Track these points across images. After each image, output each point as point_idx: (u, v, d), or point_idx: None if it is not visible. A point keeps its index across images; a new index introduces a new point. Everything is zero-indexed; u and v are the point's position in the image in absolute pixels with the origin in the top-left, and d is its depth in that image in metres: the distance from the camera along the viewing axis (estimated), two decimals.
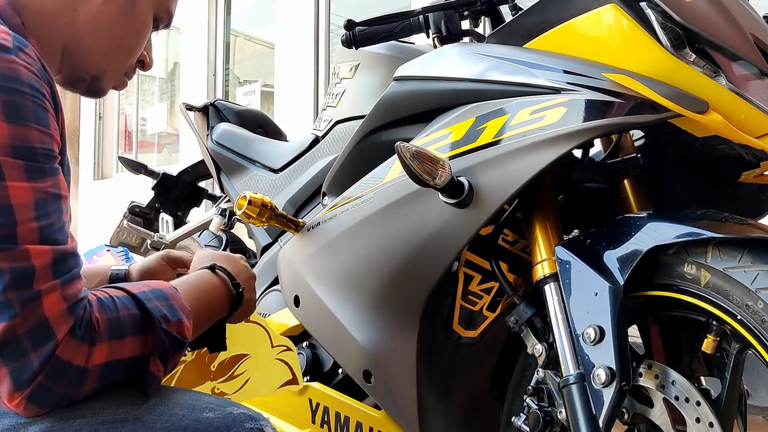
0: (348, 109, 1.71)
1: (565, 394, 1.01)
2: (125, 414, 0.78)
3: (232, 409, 0.84)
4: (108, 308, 0.78)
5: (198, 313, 0.90)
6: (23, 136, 0.74)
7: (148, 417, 0.78)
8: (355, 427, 1.37)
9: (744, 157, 1.10)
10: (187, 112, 2.27)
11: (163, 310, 0.83)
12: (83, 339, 0.74)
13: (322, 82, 5.80)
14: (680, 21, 0.98)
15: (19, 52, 0.76)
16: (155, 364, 0.81)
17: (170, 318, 0.83)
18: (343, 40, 1.40)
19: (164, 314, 0.83)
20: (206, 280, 0.98)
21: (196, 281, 0.97)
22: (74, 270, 0.77)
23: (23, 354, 0.72)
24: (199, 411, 0.81)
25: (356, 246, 1.29)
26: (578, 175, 1.21)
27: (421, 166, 1.04)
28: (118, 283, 0.86)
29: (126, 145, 9.32)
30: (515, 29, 1.16)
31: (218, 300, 0.99)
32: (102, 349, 0.76)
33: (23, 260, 0.72)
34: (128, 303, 0.81)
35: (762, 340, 0.89)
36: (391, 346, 1.27)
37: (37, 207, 0.74)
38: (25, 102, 0.75)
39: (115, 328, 0.78)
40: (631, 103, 0.98)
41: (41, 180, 0.75)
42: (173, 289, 0.88)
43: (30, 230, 0.73)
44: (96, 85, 0.98)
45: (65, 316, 0.73)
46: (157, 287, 0.86)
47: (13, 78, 0.74)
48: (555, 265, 1.06)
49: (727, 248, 0.93)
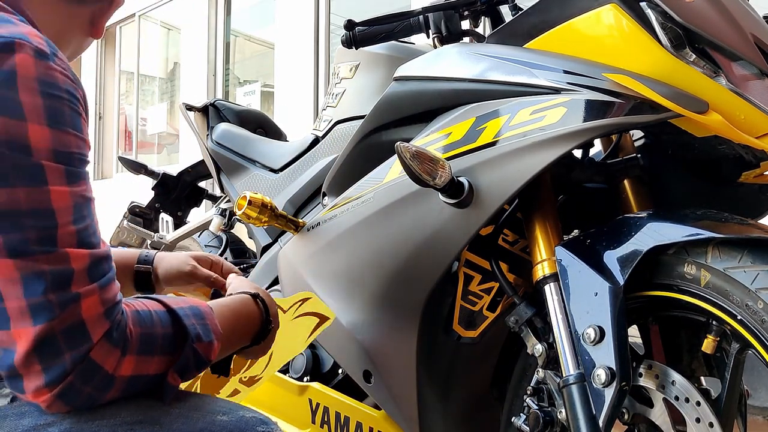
0: (348, 109, 1.71)
1: (565, 394, 1.01)
2: (143, 416, 0.78)
3: (245, 413, 0.85)
4: (144, 322, 0.79)
5: (227, 339, 0.91)
6: (63, 141, 0.75)
7: (165, 419, 0.79)
8: (355, 427, 1.37)
9: (744, 157, 1.10)
10: (187, 112, 2.27)
11: (198, 328, 0.84)
12: (117, 344, 0.75)
13: (322, 82, 5.80)
14: (680, 21, 0.98)
15: (54, 57, 0.77)
16: (173, 377, 0.82)
17: (203, 338, 0.84)
18: (343, 41, 1.40)
19: (198, 333, 0.83)
20: (244, 306, 0.98)
21: (234, 306, 0.97)
22: (109, 273, 0.78)
23: (58, 353, 0.73)
24: (213, 414, 0.82)
25: (356, 246, 1.29)
26: (578, 175, 1.21)
27: (421, 166, 1.04)
28: (158, 296, 0.86)
29: (126, 145, 9.33)
30: (515, 29, 1.16)
31: (248, 330, 0.98)
32: (130, 361, 0.77)
33: (63, 263, 0.73)
34: (165, 319, 0.81)
35: (762, 340, 0.89)
36: (391, 346, 1.27)
37: (75, 211, 0.75)
38: (63, 107, 0.76)
39: (147, 343, 0.79)
40: (631, 103, 0.98)
41: (78, 184, 0.77)
42: (209, 309, 0.88)
43: (69, 234, 0.74)
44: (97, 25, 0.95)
45: (101, 319, 0.74)
46: (195, 305, 0.87)
47: (52, 84, 0.75)
48: (555, 265, 1.06)
49: (727, 248, 0.93)
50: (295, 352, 1.25)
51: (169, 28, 8.70)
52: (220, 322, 0.89)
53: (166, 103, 8.80)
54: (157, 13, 8.77)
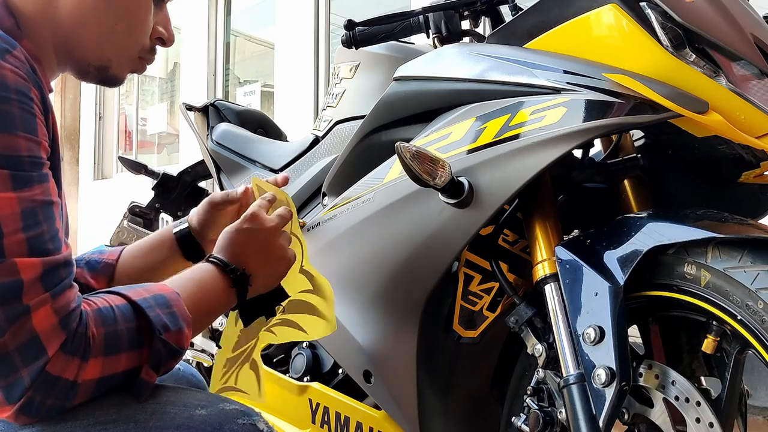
0: (348, 109, 1.71)
1: (566, 395, 1.01)
2: (116, 414, 0.77)
3: (225, 406, 0.83)
4: (106, 321, 0.76)
5: (198, 317, 0.88)
6: (10, 144, 0.72)
7: (140, 416, 0.77)
8: (355, 427, 1.37)
9: (744, 157, 1.10)
10: (187, 112, 2.27)
11: (164, 318, 0.80)
12: (75, 353, 0.73)
13: (322, 82, 5.80)
14: (680, 21, 0.98)
15: (6, 55, 0.74)
16: (147, 373, 0.80)
17: (171, 327, 0.81)
18: (343, 41, 1.40)
19: (165, 323, 0.80)
20: (207, 276, 0.93)
21: (194, 276, 0.92)
22: (65, 280, 0.75)
23: (14, 370, 0.71)
24: (191, 408, 0.80)
25: (356, 246, 1.29)
26: (578, 175, 1.21)
27: (421, 166, 1.04)
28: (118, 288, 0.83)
29: (126, 145, 9.33)
30: (515, 29, 1.16)
31: (218, 294, 0.93)
32: (96, 364, 0.74)
33: (11, 274, 0.70)
34: (128, 314, 0.79)
35: (762, 340, 0.89)
36: (391, 346, 1.27)
37: (25, 217, 0.72)
38: (11, 109, 0.73)
39: (112, 342, 0.76)
40: (631, 104, 0.98)
41: (28, 189, 0.73)
42: (176, 294, 0.85)
43: (17, 242, 0.71)
44: (106, 75, 0.94)
45: (56, 330, 0.72)
46: (160, 292, 0.84)
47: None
48: (555, 265, 1.06)
49: (727, 248, 0.93)
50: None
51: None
52: (189, 302, 0.86)
53: (166, 103, 8.80)
54: None
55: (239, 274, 0.95)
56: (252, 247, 0.98)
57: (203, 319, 0.92)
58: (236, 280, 0.94)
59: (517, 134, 1.04)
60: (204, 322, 0.93)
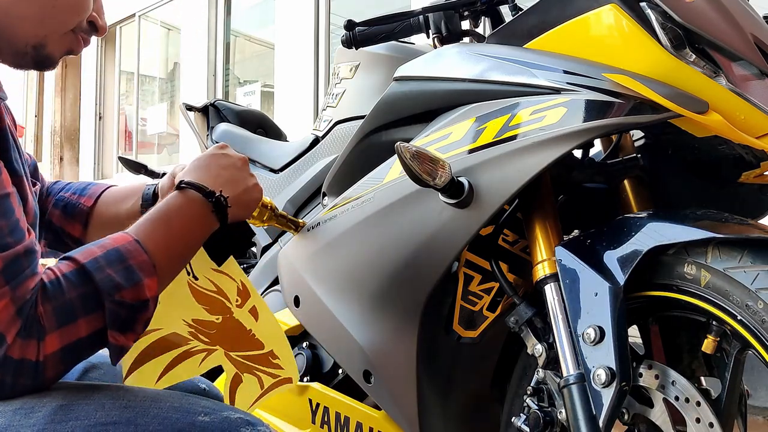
0: (348, 109, 1.71)
1: (565, 395, 1.01)
2: (118, 416, 0.77)
3: (229, 414, 0.82)
4: (53, 294, 0.77)
5: (170, 251, 0.86)
6: None
7: (141, 420, 0.77)
8: (355, 428, 1.37)
9: (744, 157, 1.10)
10: (187, 112, 2.27)
11: (115, 278, 0.79)
12: (30, 335, 0.74)
13: (322, 82, 5.80)
14: (680, 21, 0.98)
15: None
16: (114, 336, 0.79)
17: (124, 285, 0.80)
18: (343, 41, 1.40)
19: (117, 282, 0.79)
20: (173, 206, 0.90)
21: (160, 214, 0.89)
22: (27, 270, 0.76)
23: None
24: (193, 414, 0.80)
25: (356, 246, 1.29)
26: (578, 175, 1.21)
27: (421, 166, 1.04)
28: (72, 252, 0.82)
29: (126, 146, 9.33)
30: (515, 29, 1.16)
31: (194, 222, 0.91)
32: (53, 338, 0.76)
33: None
34: (75, 280, 0.78)
35: (762, 340, 0.89)
36: (391, 346, 1.27)
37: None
38: None
39: (63, 313, 0.77)
40: (631, 104, 0.98)
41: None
42: (133, 244, 0.83)
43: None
44: (42, 54, 0.90)
45: (14, 319, 0.74)
46: (114, 246, 0.82)
47: None
48: (555, 265, 1.06)
49: (727, 248, 0.93)
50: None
51: (169, 28, 8.70)
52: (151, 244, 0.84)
53: (166, 103, 8.80)
54: (157, 13, 8.77)
55: (217, 196, 0.93)
56: (226, 172, 0.97)
57: (182, 253, 0.90)
58: (216, 204, 0.92)
59: (517, 134, 1.04)
60: (183, 256, 0.91)
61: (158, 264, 0.84)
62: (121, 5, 8.93)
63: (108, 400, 0.78)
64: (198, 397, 0.87)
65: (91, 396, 0.79)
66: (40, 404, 0.78)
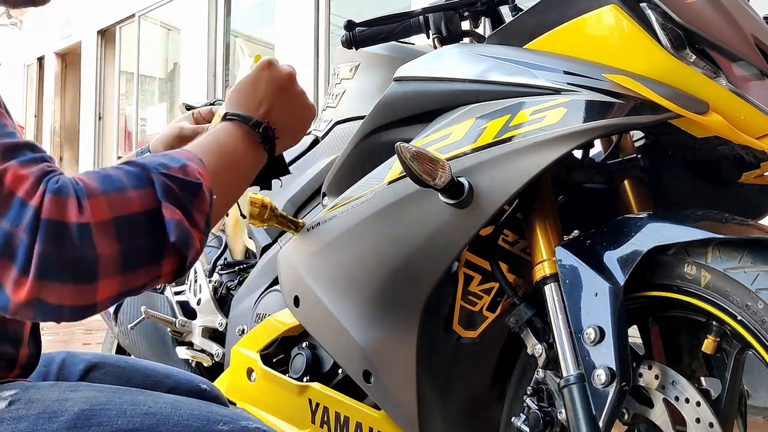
0: (348, 109, 1.71)
1: (565, 395, 1.01)
2: (140, 423, 0.77)
3: (247, 424, 0.83)
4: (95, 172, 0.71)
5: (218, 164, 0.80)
6: None
7: (163, 428, 0.78)
8: (355, 427, 1.37)
9: (744, 157, 1.10)
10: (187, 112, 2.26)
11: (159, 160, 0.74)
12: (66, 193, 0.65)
13: (322, 83, 5.81)
14: (680, 22, 0.98)
15: None
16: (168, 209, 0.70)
17: (170, 164, 0.73)
18: (343, 41, 1.40)
19: (161, 162, 0.73)
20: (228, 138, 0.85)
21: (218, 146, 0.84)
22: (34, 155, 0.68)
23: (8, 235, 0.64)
24: (213, 423, 0.81)
25: (356, 246, 1.29)
26: (578, 176, 1.21)
27: (421, 166, 1.04)
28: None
29: (126, 146, 9.33)
30: (515, 30, 1.16)
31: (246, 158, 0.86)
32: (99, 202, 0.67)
33: None
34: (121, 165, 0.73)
35: (762, 340, 0.89)
36: (391, 346, 1.27)
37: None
38: None
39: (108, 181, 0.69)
40: (631, 104, 0.98)
41: None
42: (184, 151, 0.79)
43: None
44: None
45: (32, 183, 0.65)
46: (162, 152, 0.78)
47: None
48: (555, 265, 1.06)
49: (727, 249, 0.93)
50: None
51: (169, 28, 8.71)
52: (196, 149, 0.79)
53: (166, 103, 8.81)
54: (157, 13, 8.77)
55: (264, 127, 0.87)
56: (274, 97, 0.90)
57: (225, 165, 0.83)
58: (264, 135, 0.87)
59: (517, 135, 1.04)
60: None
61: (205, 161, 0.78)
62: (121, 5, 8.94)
63: (129, 407, 0.78)
64: (215, 406, 0.87)
65: (112, 401, 0.79)
66: (62, 409, 0.77)
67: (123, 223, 0.67)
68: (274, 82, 0.91)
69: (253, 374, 1.57)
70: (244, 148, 0.86)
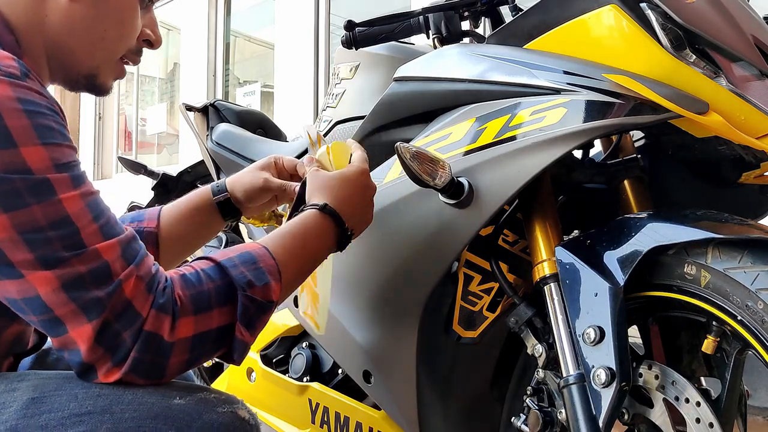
0: (348, 109, 1.71)
1: (565, 395, 1.01)
2: (92, 406, 0.77)
3: (205, 395, 0.83)
4: (191, 283, 0.82)
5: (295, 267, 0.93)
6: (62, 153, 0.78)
7: (116, 407, 0.77)
8: (355, 428, 1.37)
9: (744, 157, 1.10)
10: (187, 112, 2.27)
11: (248, 275, 0.86)
12: (166, 311, 0.79)
13: (322, 82, 5.81)
14: (680, 22, 0.98)
15: (26, 78, 0.78)
16: (240, 330, 0.84)
17: (256, 283, 0.86)
18: (343, 41, 1.40)
19: (249, 280, 0.85)
20: (311, 225, 0.99)
21: (295, 231, 0.97)
22: (141, 251, 0.81)
23: (117, 336, 0.77)
24: (169, 398, 0.80)
25: (356, 246, 1.29)
26: (578, 176, 1.21)
27: (421, 166, 1.04)
28: (208, 254, 0.89)
29: (126, 146, 9.33)
30: (515, 30, 1.16)
31: (322, 244, 1.00)
32: (187, 322, 0.80)
33: (97, 259, 0.77)
34: (213, 274, 0.84)
35: (762, 340, 0.89)
36: (391, 346, 1.27)
37: (90, 209, 0.79)
38: (49, 123, 0.78)
39: (199, 301, 0.82)
40: (631, 104, 0.98)
41: (84, 185, 0.79)
42: (262, 250, 0.90)
43: (93, 231, 0.78)
44: (94, 83, 0.96)
45: (144, 294, 0.78)
46: (247, 250, 0.89)
47: (32, 102, 0.77)
48: (555, 265, 1.06)
49: (727, 249, 0.93)
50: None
51: (169, 28, 8.70)
52: (280, 254, 0.91)
53: (165, 103, 8.81)
54: (157, 13, 8.75)
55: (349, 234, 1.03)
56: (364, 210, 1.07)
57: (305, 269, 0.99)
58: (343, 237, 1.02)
59: (517, 135, 1.04)
60: (305, 272, 1.00)
61: (283, 272, 0.91)
62: None
63: (80, 390, 0.78)
64: (172, 381, 0.86)
65: (62, 387, 0.79)
66: (11, 399, 0.78)
67: (198, 341, 0.82)
68: (367, 191, 1.09)
69: (253, 374, 1.57)
70: (326, 250, 1.02)
